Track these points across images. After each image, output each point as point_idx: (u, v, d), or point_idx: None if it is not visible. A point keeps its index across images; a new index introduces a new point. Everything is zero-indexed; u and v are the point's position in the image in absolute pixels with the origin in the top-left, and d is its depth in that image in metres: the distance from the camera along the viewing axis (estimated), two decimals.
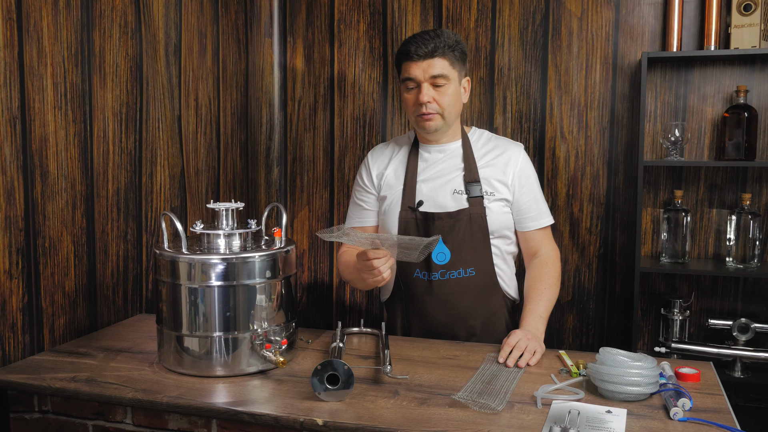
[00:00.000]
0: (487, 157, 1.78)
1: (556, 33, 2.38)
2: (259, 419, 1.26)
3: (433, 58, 1.66)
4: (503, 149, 1.79)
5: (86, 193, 1.79)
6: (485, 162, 1.77)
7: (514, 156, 1.77)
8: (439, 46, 1.66)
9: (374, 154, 1.90)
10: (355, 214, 1.90)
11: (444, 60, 1.68)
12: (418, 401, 1.31)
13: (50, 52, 1.65)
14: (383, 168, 1.85)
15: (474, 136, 1.83)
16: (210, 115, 2.39)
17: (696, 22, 2.28)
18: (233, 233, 1.52)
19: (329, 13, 2.59)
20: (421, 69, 1.67)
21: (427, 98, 1.68)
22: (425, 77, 1.68)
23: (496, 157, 1.77)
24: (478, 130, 1.86)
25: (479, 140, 1.82)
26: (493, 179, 1.75)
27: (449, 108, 1.71)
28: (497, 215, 1.73)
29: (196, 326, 1.44)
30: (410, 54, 1.67)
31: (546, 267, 1.75)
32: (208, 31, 2.36)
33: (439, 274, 1.73)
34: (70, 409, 1.42)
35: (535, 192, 1.78)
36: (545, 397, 1.31)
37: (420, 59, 1.67)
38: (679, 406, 1.23)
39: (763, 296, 2.31)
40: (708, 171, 2.34)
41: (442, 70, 1.67)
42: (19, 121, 1.56)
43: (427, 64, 1.67)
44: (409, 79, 1.69)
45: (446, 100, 1.70)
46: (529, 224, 1.77)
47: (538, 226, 1.78)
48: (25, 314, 1.59)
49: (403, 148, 1.86)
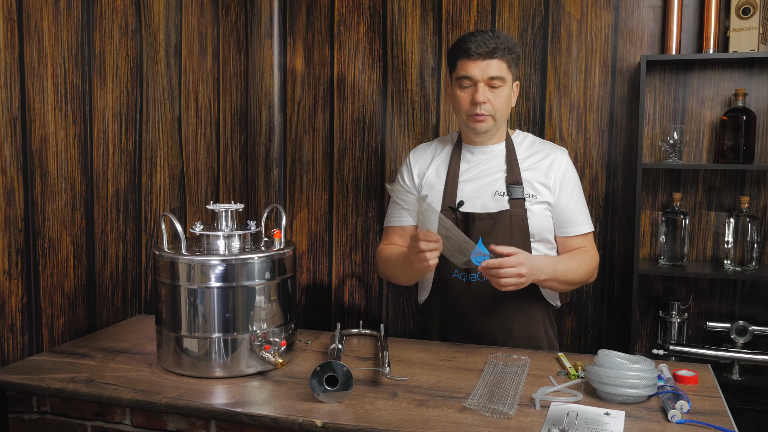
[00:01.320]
0: (531, 159, 1.77)
1: (555, 35, 2.38)
2: (258, 420, 1.27)
3: (492, 58, 1.65)
4: (547, 153, 1.78)
5: (86, 194, 1.79)
6: (528, 165, 1.76)
7: (558, 160, 1.76)
8: (499, 47, 1.65)
9: (416, 154, 1.89)
10: (395, 213, 1.88)
11: (502, 62, 1.67)
12: (417, 403, 1.31)
13: (51, 53, 1.65)
14: (425, 168, 1.83)
15: (518, 138, 1.83)
16: (210, 117, 2.39)
17: (695, 26, 2.29)
18: (233, 234, 1.52)
19: (329, 14, 2.59)
20: (480, 68, 1.66)
21: (483, 98, 1.67)
22: (483, 77, 1.66)
23: (540, 161, 1.76)
24: (522, 133, 1.85)
25: (523, 143, 1.81)
26: (535, 182, 1.73)
27: (501, 111, 1.71)
28: (539, 218, 1.72)
29: (196, 327, 1.45)
30: (470, 52, 1.65)
31: (584, 253, 1.75)
32: (208, 32, 2.36)
33: (478, 275, 1.71)
34: (69, 410, 1.42)
35: (576, 197, 1.76)
36: (544, 399, 1.31)
37: (479, 58, 1.65)
38: (677, 409, 1.23)
39: (761, 299, 2.31)
40: (706, 174, 2.35)
41: (499, 71, 1.66)
42: (20, 122, 1.56)
43: (486, 65, 1.65)
44: (466, 77, 1.68)
45: (500, 102, 1.69)
46: (568, 229, 1.75)
47: (577, 232, 1.75)
48: (24, 315, 1.59)
49: (446, 148, 1.84)
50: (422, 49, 2.48)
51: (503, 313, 1.74)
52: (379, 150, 2.57)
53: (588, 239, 1.79)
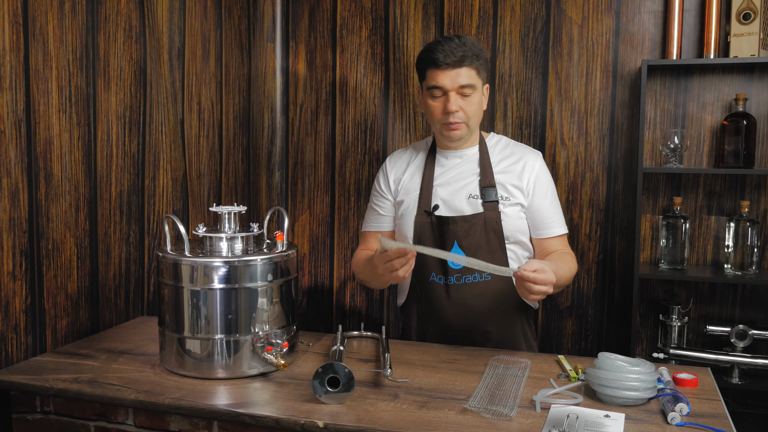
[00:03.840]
0: (504, 162, 1.78)
1: (556, 40, 2.40)
2: (260, 421, 1.27)
3: (461, 67, 1.65)
4: (520, 156, 1.79)
5: (89, 196, 1.80)
6: (502, 168, 1.77)
7: (531, 162, 1.77)
8: (467, 55, 1.65)
9: (392, 160, 1.90)
10: (371, 219, 1.90)
11: (471, 69, 1.67)
12: (418, 404, 1.32)
13: (55, 56, 1.66)
14: (401, 173, 1.85)
15: (492, 141, 1.83)
16: (212, 119, 2.41)
17: (696, 31, 2.30)
18: (235, 236, 1.53)
19: (331, 18, 2.60)
20: (450, 78, 1.65)
21: (455, 107, 1.67)
22: (453, 86, 1.66)
23: (513, 164, 1.77)
24: (496, 136, 1.86)
25: (497, 146, 1.82)
26: (508, 184, 1.74)
27: (474, 117, 1.71)
28: (513, 220, 1.73)
29: (198, 328, 1.45)
30: (438, 62, 1.65)
31: (569, 257, 1.75)
32: (211, 35, 2.37)
33: (454, 278, 1.73)
34: (72, 410, 1.42)
35: (549, 199, 1.77)
36: (544, 401, 1.32)
37: (448, 68, 1.65)
38: (676, 411, 1.24)
39: (761, 303, 2.32)
40: (707, 178, 2.36)
41: (469, 79, 1.66)
42: (24, 124, 1.57)
43: (456, 74, 1.65)
44: (437, 87, 1.68)
45: (472, 109, 1.70)
46: (543, 231, 1.76)
47: (552, 234, 1.76)
48: (27, 315, 1.60)
49: (420, 153, 1.86)
50: None
51: (481, 316, 1.75)
52: (380, 153, 2.58)
53: (564, 241, 1.80)
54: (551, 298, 2.47)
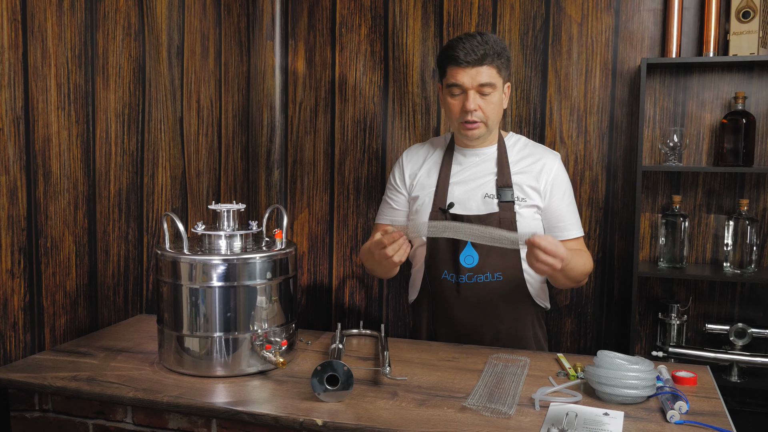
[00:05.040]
0: (522, 163, 1.77)
1: (556, 38, 2.39)
2: (259, 419, 1.27)
3: (482, 65, 1.63)
4: (539, 157, 1.78)
5: (88, 194, 1.80)
6: (519, 168, 1.76)
7: (549, 164, 1.76)
8: (488, 53, 1.63)
9: (409, 154, 1.89)
10: (385, 211, 1.89)
11: (492, 68, 1.65)
12: (417, 402, 1.32)
13: (54, 53, 1.66)
14: (417, 168, 1.84)
15: (510, 141, 1.82)
16: (211, 117, 2.40)
17: (695, 29, 2.30)
18: (234, 234, 1.53)
19: (331, 16, 2.60)
20: (470, 76, 1.64)
21: (474, 106, 1.66)
22: (473, 84, 1.65)
23: (531, 164, 1.76)
24: (515, 136, 1.85)
25: (515, 146, 1.81)
26: (525, 185, 1.73)
27: (493, 116, 1.70)
28: (527, 221, 1.72)
29: (197, 326, 1.45)
30: (458, 59, 1.63)
31: (585, 254, 1.74)
32: (210, 33, 2.37)
33: (466, 276, 1.72)
34: (71, 408, 1.42)
35: (566, 202, 1.76)
36: (543, 400, 1.32)
37: (469, 66, 1.63)
38: (675, 409, 1.24)
39: (760, 301, 2.32)
40: (706, 176, 2.36)
41: (489, 78, 1.65)
42: (23, 122, 1.57)
43: (476, 72, 1.64)
44: (456, 85, 1.66)
45: (491, 108, 1.68)
46: (559, 234, 1.75)
47: (569, 236, 1.75)
48: (26, 313, 1.60)
49: (438, 150, 1.85)
50: (423, 51, 2.49)
51: (491, 314, 1.75)
52: (380, 152, 2.58)
53: (580, 243, 1.79)
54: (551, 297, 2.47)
